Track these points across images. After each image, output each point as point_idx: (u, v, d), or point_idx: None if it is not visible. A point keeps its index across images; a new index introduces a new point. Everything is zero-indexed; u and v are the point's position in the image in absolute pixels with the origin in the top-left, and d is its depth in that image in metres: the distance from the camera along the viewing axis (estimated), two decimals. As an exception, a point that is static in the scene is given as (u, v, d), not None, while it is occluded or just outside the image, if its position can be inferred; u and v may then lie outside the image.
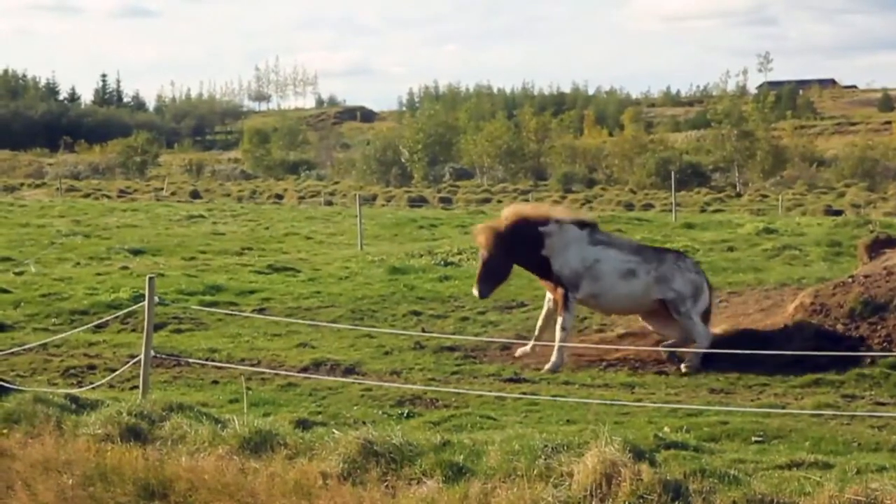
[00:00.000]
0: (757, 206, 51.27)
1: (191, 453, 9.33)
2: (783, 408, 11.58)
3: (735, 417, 10.89)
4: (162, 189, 65.15)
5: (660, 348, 14.68)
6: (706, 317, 14.97)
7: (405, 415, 11.56)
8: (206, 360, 14.13)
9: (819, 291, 15.06)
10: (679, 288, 14.73)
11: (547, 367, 14.25)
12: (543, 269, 15.00)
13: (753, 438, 10.22)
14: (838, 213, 43.63)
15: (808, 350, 13.37)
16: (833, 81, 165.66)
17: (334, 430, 9.52)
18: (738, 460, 8.93)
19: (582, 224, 15.23)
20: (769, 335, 14.33)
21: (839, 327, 14.26)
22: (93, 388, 12.26)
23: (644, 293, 14.80)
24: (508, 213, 15.37)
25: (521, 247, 14.87)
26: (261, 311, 18.00)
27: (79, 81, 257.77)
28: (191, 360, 14.18)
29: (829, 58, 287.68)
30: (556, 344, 14.46)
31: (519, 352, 14.83)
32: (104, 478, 9.17)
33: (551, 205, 17.24)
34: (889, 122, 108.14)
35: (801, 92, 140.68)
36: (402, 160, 79.25)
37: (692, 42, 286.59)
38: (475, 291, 15.03)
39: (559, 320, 14.72)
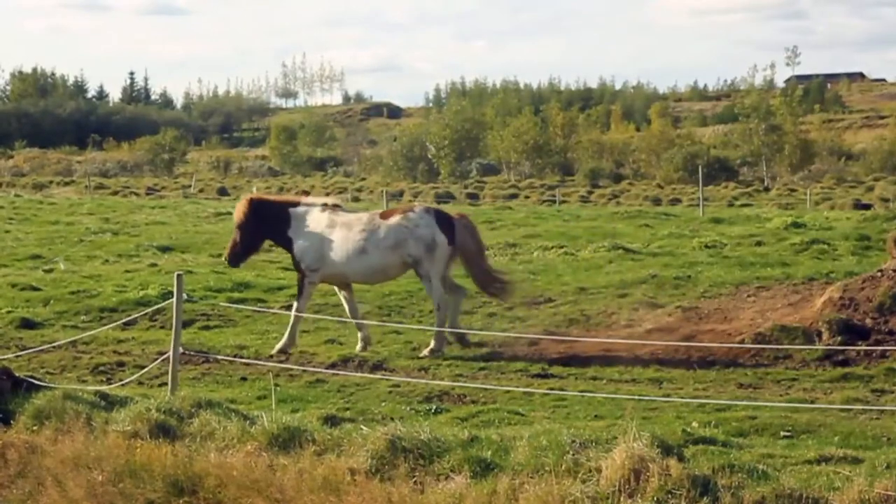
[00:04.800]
0: (785, 200, 51.00)
1: (219, 450, 9.36)
2: (812, 402, 11.52)
3: (764, 412, 10.85)
4: (190, 186, 65.42)
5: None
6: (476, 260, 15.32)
7: (433, 410, 11.58)
8: (235, 356, 14.18)
9: (848, 286, 14.98)
10: (412, 251, 14.98)
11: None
12: (290, 250, 15.53)
13: (782, 433, 10.19)
14: (867, 206, 43.34)
15: (836, 345, 13.32)
16: (861, 75, 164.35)
17: (362, 427, 9.54)
18: (766, 455, 8.91)
19: (324, 206, 15.58)
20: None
21: (868, 321, 14.19)
22: (122, 384, 12.31)
23: (385, 263, 15.13)
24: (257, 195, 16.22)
25: (270, 223, 15.44)
26: (289, 307, 17.99)
27: (107, 79, 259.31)
28: (219, 357, 14.24)
29: (857, 51, 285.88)
30: (285, 334, 14.97)
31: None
32: (133, 474, 9.22)
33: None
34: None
35: (829, 86, 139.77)
36: (429, 156, 79.19)
37: (720, 36, 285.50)
38: (225, 259, 16.10)
39: (294, 305, 15.32)
